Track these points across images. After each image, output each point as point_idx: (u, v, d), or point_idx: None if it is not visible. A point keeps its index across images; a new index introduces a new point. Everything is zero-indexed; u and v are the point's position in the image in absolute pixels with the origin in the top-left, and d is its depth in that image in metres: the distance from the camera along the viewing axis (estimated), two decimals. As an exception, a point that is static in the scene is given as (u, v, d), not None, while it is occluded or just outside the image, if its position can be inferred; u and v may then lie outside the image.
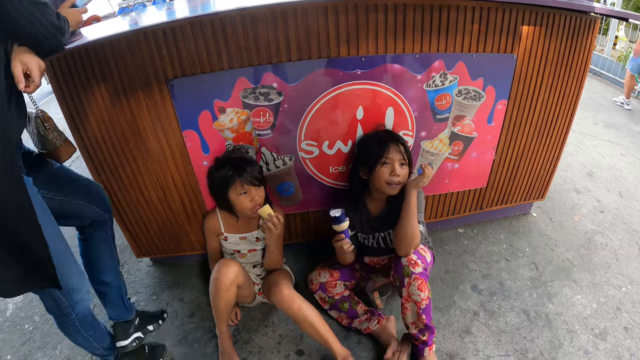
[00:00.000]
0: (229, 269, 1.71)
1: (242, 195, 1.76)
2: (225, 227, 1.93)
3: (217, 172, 1.78)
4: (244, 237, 1.93)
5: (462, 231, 2.51)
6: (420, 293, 1.60)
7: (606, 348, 1.83)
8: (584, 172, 3.10)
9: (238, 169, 1.73)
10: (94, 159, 1.87)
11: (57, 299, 1.45)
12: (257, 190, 1.77)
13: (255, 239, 1.95)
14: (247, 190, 1.75)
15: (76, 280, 1.46)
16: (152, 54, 1.64)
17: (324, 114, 1.84)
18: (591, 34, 1.91)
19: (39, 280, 1.31)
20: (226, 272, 1.70)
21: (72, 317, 1.51)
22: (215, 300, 1.73)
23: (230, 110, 1.78)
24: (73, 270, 1.45)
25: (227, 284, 1.70)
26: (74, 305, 1.49)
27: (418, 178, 1.72)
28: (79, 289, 1.49)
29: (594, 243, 2.41)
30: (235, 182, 1.73)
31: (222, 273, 1.70)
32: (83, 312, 1.54)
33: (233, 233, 1.94)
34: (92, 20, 2.05)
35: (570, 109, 2.12)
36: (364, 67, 1.75)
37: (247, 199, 1.76)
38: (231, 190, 1.76)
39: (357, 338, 1.89)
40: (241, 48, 1.66)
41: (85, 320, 1.56)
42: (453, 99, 1.92)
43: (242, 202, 1.77)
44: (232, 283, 1.72)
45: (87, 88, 1.69)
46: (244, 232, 1.93)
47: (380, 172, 1.74)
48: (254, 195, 1.76)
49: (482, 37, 1.81)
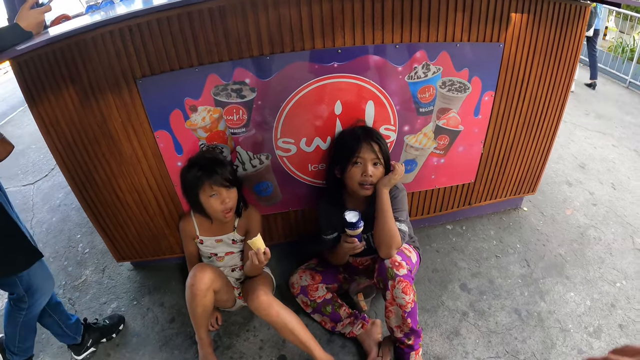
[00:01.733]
0: (204, 273, 1.65)
1: (212, 198, 1.69)
2: (200, 230, 1.87)
3: (188, 174, 1.71)
4: (219, 239, 1.87)
5: (450, 228, 2.44)
6: (404, 296, 1.54)
7: (601, 347, 1.78)
8: (575, 164, 3.04)
9: (207, 170, 1.66)
10: (67, 162, 1.81)
11: (21, 294, 1.55)
12: (227, 192, 1.70)
13: (232, 241, 1.88)
14: (217, 192, 1.68)
15: (39, 282, 1.55)
16: (119, 52, 1.58)
17: (301, 109, 1.77)
18: (581, 22, 1.84)
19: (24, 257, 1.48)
20: (202, 277, 1.64)
21: (22, 313, 1.59)
22: (192, 306, 1.67)
23: (201, 108, 1.71)
24: (39, 271, 1.55)
25: (203, 290, 1.63)
26: (30, 305, 1.57)
27: (388, 176, 1.66)
28: (42, 292, 1.58)
29: (586, 237, 2.35)
30: (204, 184, 1.67)
31: (198, 278, 1.63)
32: (31, 315, 1.62)
33: (208, 236, 1.87)
34: (61, 19, 1.98)
35: (561, 100, 2.06)
36: (341, 60, 1.68)
37: (217, 202, 1.69)
38: (201, 193, 1.69)
39: (341, 342, 1.84)
40: (211, 43, 1.59)
41: (28, 324, 1.64)
42: (437, 91, 1.85)
43: (212, 205, 1.70)
44: (208, 288, 1.65)
45: (55, 90, 1.64)
46: (220, 235, 1.87)
47: (351, 172, 1.68)
48: (224, 197, 1.70)
49: (466, 26, 1.74)
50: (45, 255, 2.46)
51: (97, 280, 2.29)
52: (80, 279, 2.32)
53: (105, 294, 2.20)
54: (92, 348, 1.88)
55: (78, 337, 1.83)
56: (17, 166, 3.69)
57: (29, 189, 3.28)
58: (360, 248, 1.65)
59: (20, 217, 1.55)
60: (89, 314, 2.09)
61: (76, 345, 1.85)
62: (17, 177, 3.51)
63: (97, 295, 2.20)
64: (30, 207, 3.04)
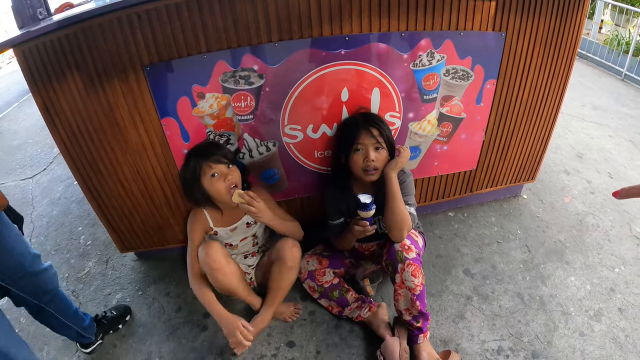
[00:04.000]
0: (211, 247, 1.69)
1: (214, 179, 1.66)
2: (213, 222, 1.84)
3: (186, 169, 1.71)
4: (234, 228, 1.85)
5: (452, 215, 2.47)
6: (414, 279, 1.56)
7: (601, 329, 1.81)
8: (573, 153, 3.07)
9: (202, 152, 1.67)
10: (71, 152, 1.80)
11: None
12: (228, 169, 1.69)
13: (246, 225, 1.87)
14: (217, 170, 1.66)
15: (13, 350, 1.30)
16: (127, 39, 1.57)
17: (308, 96, 1.78)
18: (581, 11, 1.87)
19: None
20: (213, 251, 1.68)
21: None
22: (223, 282, 1.71)
23: (209, 95, 1.71)
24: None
25: (222, 261, 1.69)
26: None
27: (395, 160, 1.67)
28: None
29: (585, 224, 2.38)
30: (203, 166, 1.66)
31: (211, 255, 1.67)
32: None
33: (222, 227, 1.84)
34: (65, 7, 1.97)
35: (560, 88, 2.08)
36: (348, 47, 1.69)
37: (220, 181, 1.67)
38: (203, 178, 1.68)
39: (349, 327, 1.85)
40: (219, 30, 1.59)
41: None
42: (441, 78, 1.87)
43: (216, 187, 1.67)
44: (225, 256, 1.71)
45: (61, 78, 1.62)
46: (233, 223, 1.85)
47: (354, 159, 1.69)
48: (226, 174, 1.68)
49: (470, 15, 1.76)
50: (47, 248, 2.48)
51: (101, 271, 2.29)
52: (84, 270, 2.31)
53: (109, 285, 2.20)
54: (100, 340, 1.88)
55: (92, 335, 1.82)
56: (14, 161, 3.66)
57: (28, 183, 3.26)
58: (371, 231, 1.65)
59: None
60: (94, 305, 2.09)
61: (88, 344, 1.85)
62: (15, 171, 3.48)
63: (101, 287, 2.19)
64: (30, 201, 3.02)
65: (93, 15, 1.51)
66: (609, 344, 1.75)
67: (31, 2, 1.82)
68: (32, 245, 2.50)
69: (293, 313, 1.90)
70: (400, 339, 1.67)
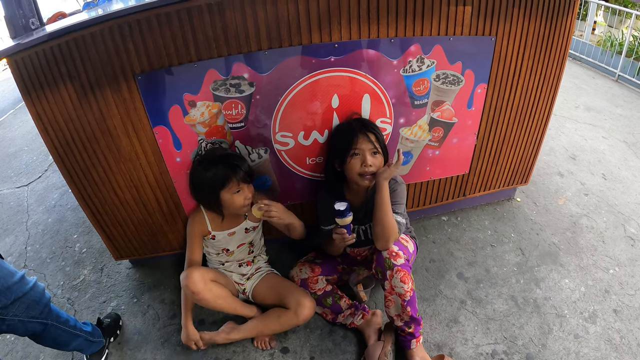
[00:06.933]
0: (192, 272, 1.69)
1: (236, 194, 1.71)
2: (212, 225, 1.86)
3: (207, 172, 1.70)
4: (232, 232, 1.87)
5: (445, 219, 2.47)
6: (403, 285, 1.56)
7: (596, 331, 1.81)
8: (566, 155, 3.08)
9: (233, 167, 1.68)
10: (65, 161, 1.80)
11: None
12: (248, 187, 1.74)
13: (245, 230, 1.89)
14: (241, 188, 1.71)
15: None
16: (118, 48, 1.58)
17: (298, 103, 1.79)
18: (571, 14, 1.88)
19: None
20: (192, 277, 1.68)
21: None
22: (205, 305, 1.74)
23: (200, 103, 1.72)
24: None
25: (201, 287, 1.68)
26: None
27: (388, 168, 1.66)
28: None
29: (579, 226, 2.39)
30: (232, 182, 1.68)
31: (191, 280, 1.67)
32: None
33: (220, 231, 1.86)
34: (57, 16, 1.98)
35: (552, 91, 2.09)
36: (337, 54, 1.70)
37: (240, 198, 1.72)
38: (225, 190, 1.70)
39: (343, 332, 1.86)
40: (209, 38, 1.60)
41: None
42: (431, 84, 1.88)
43: (235, 201, 1.72)
44: (205, 281, 1.70)
45: (53, 87, 1.63)
46: (232, 227, 1.87)
47: (351, 164, 1.69)
48: (247, 193, 1.73)
49: (459, 20, 1.77)
50: (42, 255, 2.49)
51: (96, 279, 2.29)
52: (79, 278, 2.31)
53: (104, 292, 2.20)
54: (107, 350, 1.85)
55: (102, 338, 1.81)
56: (9, 168, 3.66)
57: (23, 191, 3.26)
58: (350, 240, 1.65)
59: None
60: (89, 313, 2.09)
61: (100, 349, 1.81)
62: (10, 179, 3.49)
63: (97, 295, 2.19)
64: (25, 208, 3.02)
65: (85, 25, 1.52)
66: (604, 346, 1.75)
67: (24, 12, 1.83)
68: (27, 254, 2.53)
69: (267, 343, 1.83)
70: (384, 343, 1.69)
